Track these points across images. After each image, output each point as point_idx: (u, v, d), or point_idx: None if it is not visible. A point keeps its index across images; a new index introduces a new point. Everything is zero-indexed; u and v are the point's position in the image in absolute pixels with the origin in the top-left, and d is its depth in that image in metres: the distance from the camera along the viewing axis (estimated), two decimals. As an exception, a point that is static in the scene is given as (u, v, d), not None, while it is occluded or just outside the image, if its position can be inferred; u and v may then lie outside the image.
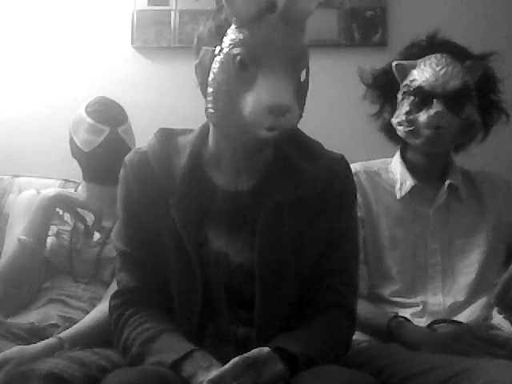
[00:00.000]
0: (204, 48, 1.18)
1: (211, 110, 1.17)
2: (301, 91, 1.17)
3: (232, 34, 1.14)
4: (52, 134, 2.19)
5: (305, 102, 1.20)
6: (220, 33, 1.16)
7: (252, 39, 1.12)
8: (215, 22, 1.18)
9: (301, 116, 1.20)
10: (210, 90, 1.16)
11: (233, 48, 1.13)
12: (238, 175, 1.24)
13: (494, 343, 1.34)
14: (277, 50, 1.12)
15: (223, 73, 1.14)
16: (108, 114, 1.71)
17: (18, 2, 2.34)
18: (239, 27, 1.13)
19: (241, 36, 1.13)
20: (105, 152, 1.68)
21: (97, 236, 1.65)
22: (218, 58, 1.15)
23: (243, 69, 1.12)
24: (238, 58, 1.12)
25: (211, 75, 1.16)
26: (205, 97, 1.19)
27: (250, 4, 1.12)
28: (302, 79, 1.16)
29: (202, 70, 1.18)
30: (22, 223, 1.63)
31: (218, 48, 1.15)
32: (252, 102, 1.11)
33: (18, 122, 2.30)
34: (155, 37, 2.29)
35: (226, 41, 1.14)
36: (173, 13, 2.29)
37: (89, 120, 1.69)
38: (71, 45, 2.33)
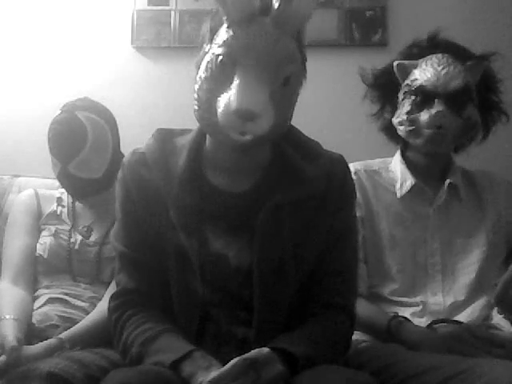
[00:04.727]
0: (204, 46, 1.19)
1: (195, 107, 1.18)
2: (283, 97, 1.15)
3: (222, 34, 1.14)
4: (52, 134, 2.18)
5: (292, 109, 1.19)
6: (213, 32, 1.16)
7: (235, 41, 1.12)
8: (212, 22, 1.19)
9: (287, 122, 1.20)
10: (195, 86, 1.18)
11: (218, 47, 1.13)
12: (236, 176, 1.24)
13: (494, 343, 1.33)
14: (257, 54, 1.11)
15: (206, 71, 1.15)
16: (60, 146, 1.64)
17: (18, 2, 2.34)
18: (229, 27, 1.13)
19: (226, 36, 1.13)
20: (63, 183, 1.69)
21: (95, 236, 1.65)
22: (206, 57, 1.16)
23: (223, 69, 1.12)
24: (220, 58, 1.12)
25: (198, 72, 1.17)
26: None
27: (241, 4, 1.11)
28: (285, 84, 1.14)
29: (196, 68, 1.20)
30: (20, 224, 1.65)
31: (208, 46, 1.16)
32: (223, 103, 1.11)
33: (17, 121, 2.29)
34: (155, 37, 2.29)
35: (216, 40, 1.15)
36: (173, 13, 2.29)
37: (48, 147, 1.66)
38: (71, 45, 2.32)
